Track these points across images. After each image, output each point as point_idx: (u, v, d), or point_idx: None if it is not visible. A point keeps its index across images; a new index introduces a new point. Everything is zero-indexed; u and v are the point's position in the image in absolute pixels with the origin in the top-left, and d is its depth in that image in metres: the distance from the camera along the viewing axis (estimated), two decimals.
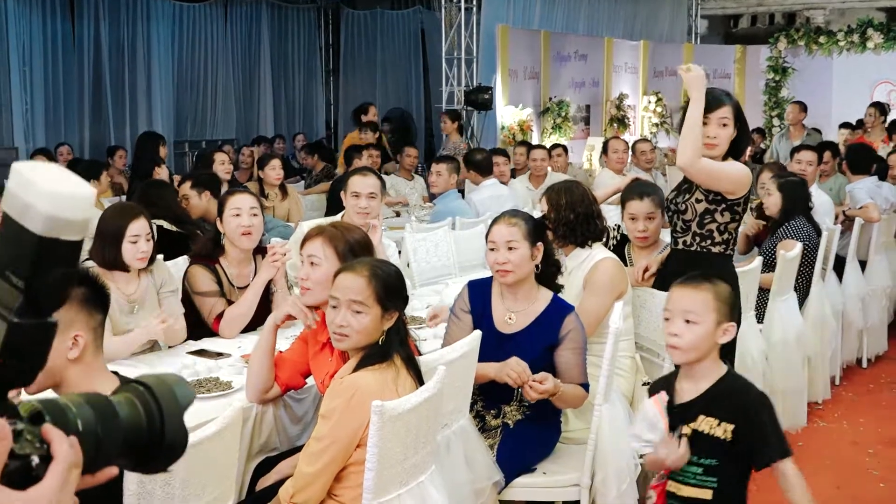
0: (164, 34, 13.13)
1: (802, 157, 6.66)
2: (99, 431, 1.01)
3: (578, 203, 3.94)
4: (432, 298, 4.90)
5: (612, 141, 8.96)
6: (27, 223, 0.90)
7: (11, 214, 0.91)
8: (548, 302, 3.43)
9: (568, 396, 3.32)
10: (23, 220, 0.90)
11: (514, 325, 3.43)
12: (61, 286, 0.95)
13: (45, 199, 0.89)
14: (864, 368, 6.79)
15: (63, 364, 2.36)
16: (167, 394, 1.08)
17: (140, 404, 1.06)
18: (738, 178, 3.87)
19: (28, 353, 0.95)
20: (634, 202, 4.51)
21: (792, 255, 5.15)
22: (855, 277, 6.56)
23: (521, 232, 3.37)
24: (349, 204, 4.56)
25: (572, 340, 3.35)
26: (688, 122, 3.79)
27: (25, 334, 0.94)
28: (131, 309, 3.82)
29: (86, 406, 1.02)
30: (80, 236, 0.95)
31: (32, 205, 0.89)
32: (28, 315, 0.93)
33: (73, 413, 1.00)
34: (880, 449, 5.24)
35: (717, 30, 17.23)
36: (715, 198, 3.89)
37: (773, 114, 14.36)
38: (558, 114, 11.98)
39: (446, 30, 11.51)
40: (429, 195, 8.43)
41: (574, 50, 12.70)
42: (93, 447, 1.00)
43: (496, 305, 3.49)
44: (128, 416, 1.05)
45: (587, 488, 3.41)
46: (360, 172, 4.73)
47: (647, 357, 4.10)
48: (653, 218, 4.46)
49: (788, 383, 5.17)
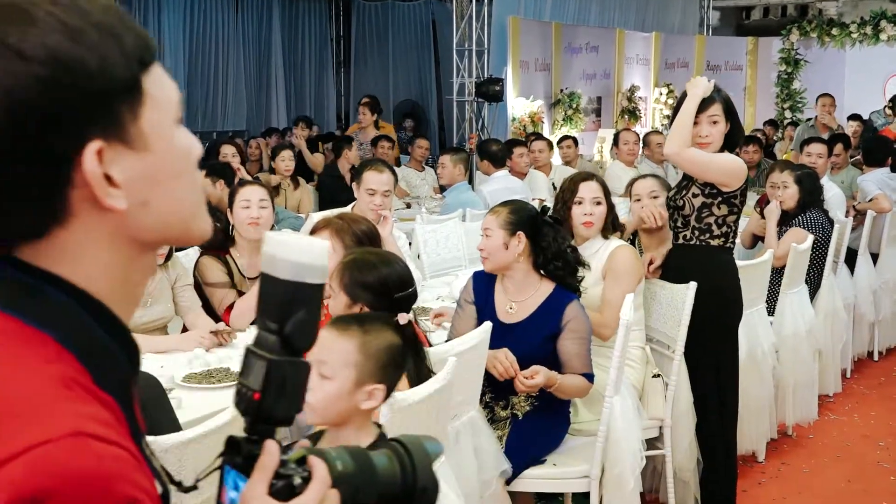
0: (175, 26, 13.14)
1: (812, 149, 6.64)
2: (356, 476, 1.13)
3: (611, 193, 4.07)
4: (442, 290, 4.91)
5: (623, 133, 8.94)
6: (276, 273, 1.05)
7: (265, 270, 1.06)
8: (549, 292, 3.43)
9: (568, 387, 3.32)
10: (273, 272, 1.05)
11: (516, 316, 3.44)
12: (309, 326, 1.07)
13: (290, 249, 1.05)
14: (876, 361, 6.78)
15: None
16: (418, 449, 1.21)
17: (395, 457, 1.19)
18: (729, 167, 3.88)
19: (286, 389, 1.06)
20: (638, 182, 4.54)
21: (803, 247, 5.14)
22: (866, 270, 6.54)
23: (497, 220, 3.42)
24: (363, 199, 4.53)
25: (574, 330, 3.35)
26: (680, 114, 3.85)
27: (282, 371, 1.05)
28: (144, 302, 3.84)
29: (345, 453, 1.14)
30: (321, 280, 1.07)
31: (279, 256, 1.04)
32: (283, 354, 1.05)
33: (332, 456, 1.12)
34: (891, 442, 5.23)
35: (730, 21, 17.16)
36: (711, 191, 3.90)
37: (786, 106, 14.29)
38: (569, 105, 11.95)
39: (457, 21, 11.48)
40: (439, 187, 8.42)
41: (585, 42, 12.66)
42: (350, 491, 1.12)
43: (499, 296, 3.51)
44: (383, 465, 1.17)
45: (597, 480, 3.41)
46: (374, 168, 4.62)
47: (657, 349, 4.09)
48: (656, 196, 4.45)
49: (799, 376, 5.16)
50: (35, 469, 0.79)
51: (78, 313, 0.92)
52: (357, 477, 1.13)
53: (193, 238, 1.03)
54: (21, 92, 0.84)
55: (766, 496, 4.56)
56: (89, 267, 0.93)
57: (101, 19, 0.90)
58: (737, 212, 3.96)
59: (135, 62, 0.92)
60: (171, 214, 0.97)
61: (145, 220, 0.94)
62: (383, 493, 1.16)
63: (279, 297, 1.05)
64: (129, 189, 0.92)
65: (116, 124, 0.90)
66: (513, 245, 3.40)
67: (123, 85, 0.90)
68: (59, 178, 0.88)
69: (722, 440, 4.10)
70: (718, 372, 4.04)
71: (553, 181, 8.37)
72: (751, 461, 4.86)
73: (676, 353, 3.91)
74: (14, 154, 0.86)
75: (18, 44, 0.84)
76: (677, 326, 3.89)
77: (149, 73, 0.94)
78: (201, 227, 1.02)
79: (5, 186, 0.87)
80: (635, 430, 3.54)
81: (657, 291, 4.09)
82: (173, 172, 0.96)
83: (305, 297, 1.06)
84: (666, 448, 3.94)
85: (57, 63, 0.85)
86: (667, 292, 4.02)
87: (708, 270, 3.94)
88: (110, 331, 0.95)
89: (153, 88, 0.94)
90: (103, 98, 0.89)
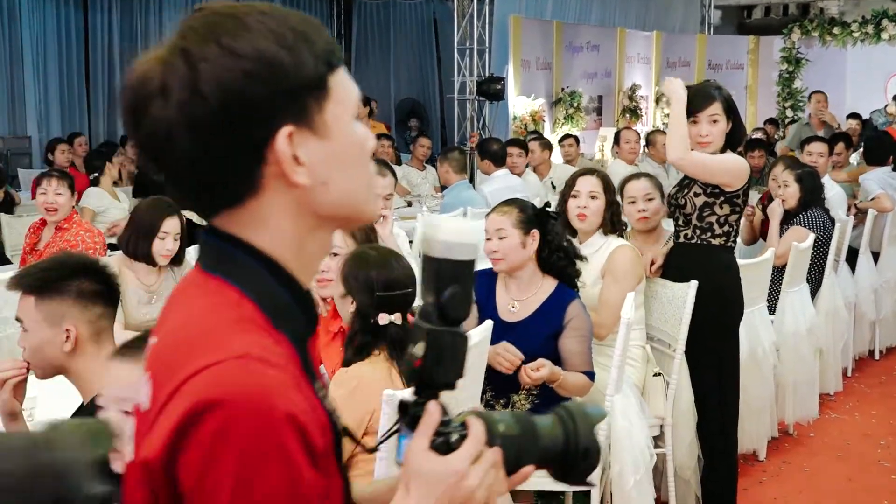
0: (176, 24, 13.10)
1: (813, 148, 6.63)
2: (519, 437, 1.22)
3: (615, 191, 4.08)
4: None
5: (625, 132, 8.94)
6: (431, 252, 1.17)
7: (422, 250, 1.19)
8: (551, 290, 3.44)
9: (570, 385, 3.32)
10: (429, 251, 1.17)
11: (518, 314, 3.45)
12: (463, 299, 1.18)
13: (441, 230, 1.16)
14: (877, 360, 6.78)
15: (60, 356, 2.37)
16: (581, 413, 1.27)
17: (559, 421, 1.26)
18: (734, 169, 3.87)
19: (443, 356, 1.18)
20: (632, 183, 4.51)
21: (804, 245, 5.14)
22: (868, 269, 6.54)
23: (510, 220, 3.42)
24: None
25: (575, 328, 3.36)
26: (671, 120, 3.84)
27: (440, 340, 1.17)
28: (150, 299, 3.85)
29: (509, 416, 1.24)
30: (471, 256, 1.18)
31: (433, 237, 1.16)
32: (440, 324, 1.17)
33: (495, 419, 1.22)
34: (892, 441, 5.23)
35: (731, 20, 17.15)
36: (713, 191, 3.89)
37: (787, 105, 14.29)
38: (570, 104, 11.95)
39: (459, 20, 11.48)
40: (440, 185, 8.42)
41: (586, 40, 12.65)
42: (513, 450, 1.20)
43: (500, 294, 3.51)
44: (546, 428, 1.25)
45: (598, 479, 3.41)
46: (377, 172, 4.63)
47: (658, 348, 4.09)
48: (651, 199, 4.45)
49: (800, 375, 5.16)
50: (209, 382, 0.99)
51: (259, 271, 1.11)
52: (520, 438, 1.22)
53: (363, 218, 1.20)
54: (232, 83, 1.02)
55: (767, 495, 4.56)
56: (274, 233, 1.11)
57: (299, 27, 1.08)
58: (739, 211, 3.96)
59: (323, 64, 1.09)
60: (346, 195, 1.13)
61: (324, 197, 1.11)
62: (545, 455, 1.24)
63: (434, 274, 1.17)
64: (312, 169, 1.09)
65: (305, 114, 1.08)
66: (528, 244, 3.42)
67: (313, 82, 1.08)
68: (256, 156, 1.07)
69: (723, 439, 4.10)
70: (719, 371, 4.04)
71: (552, 180, 8.35)
72: (752, 460, 4.86)
73: (677, 351, 3.91)
74: (223, 134, 1.04)
75: (232, 44, 1.04)
76: (678, 325, 3.89)
77: (334, 74, 1.11)
78: (372, 209, 1.19)
79: (214, 161, 1.06)
80: (641, 428, 3.54)
81: (658, 290, 4.09)
82: (350, 159, 1.13)
83: (457, 273, 1.17)
84: (667, 447, 3.94)
85: (262, 60, 1.04)
86: (668, 291, 4.02)
87: (709, 269, 3.94)
88: (289, 289, 1.13)
89: (337, 87, 1.11)
90: (296, 91, 1.07)
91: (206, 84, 1.02)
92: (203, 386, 1.00)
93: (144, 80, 1.06)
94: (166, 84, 1.04)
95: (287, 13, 1.09)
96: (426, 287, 1.19)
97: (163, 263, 3.83)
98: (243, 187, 1.08)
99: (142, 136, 1.07)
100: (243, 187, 1.08)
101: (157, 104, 1.04)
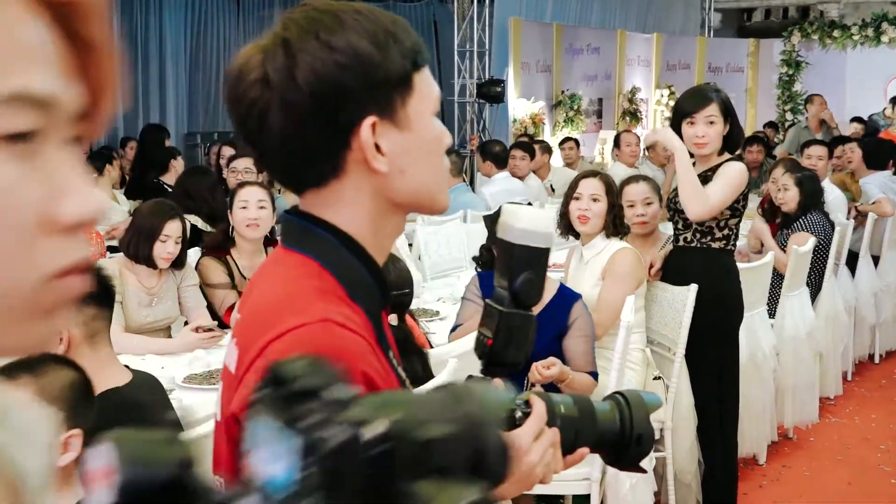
0: (177, 25, 13.13)
1: (813, 151, 6.62)
2: (577, 420, 1.27)
3: (618, 193, 4.08)
4: (444, 291, 4.91)
5: (625, 134, 8.93)
6: (508, 237, 1.23)
7: (499, 236, 1.26)
8: (554, 291, 3.45)
9: (578, 384, 3.33)
10: (505, 236, 1.24)
11: None
12: (535, 284, 1.24)
13: (518, 217, 1.23)
14: (877, 364, 6.78)
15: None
16: (637, 399, 1.31)
17: (616, 406, 1.30)
18: (739, 183, 3.85)
19: (513, 337, 1.26)
20: (631, 186, 4.48)
21: (804, 249, 5.13)
22: (868, 273, 6.54)
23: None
24: None
25: (580, 328, 3.37)
26: (680, 174, 3.82)
27: (510, 322, 1.25)
28: (150, 302, 3.84)
29: (569, 398, 1.30)
30: (545, 244, 1.24)
31: (510, 223, 1.23)
32: (512, 307, 1.24)
33: (555, 401, 1.27)
34: (892, 445, 5.23)
35: (731, 23, 17.16)
36: None
37: (787, 108, 14.29)
38: (570, 107, 11.95)
39: (458, 22, 11.48)
40: None
41: (586, 43, 12.65)
42: (571, 431, 1.26)
43: None
44: (604, 413, 1.29)
45: (598, 482, 3.40)
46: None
47: (658, 351, 4.09)
48: (650, 203, 4.44)
49: (800, 379, 5.15)
50: (291, 344, 1.08)
51: (338, 247, 1.19)
52: (578, 421, 1.27)
53: (435, 208, 1.26)
54: (325, 73, 1.11)
55: (767, 498, 4.56)
56: (352, 213, 1.19)
57: (390, 27, 1.16)
58: (738, 214, 3.95)
59: (409, 62, 1.17)
60: (421, 184, 1.21)
61: (401, 185, 1.19)
62: (601, 438, 1.29)
63: (509, 259, 1.24)
64: (391, 158, 1.17)
65: (389, 107, 1.15)
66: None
67: (399, 78, 1.16)
68: (342, 141, 1.15)
69: (722, 442, 4.10)
70: (719, 375, 4.03)
71: (551, 183, 8.35)
72: (751, 463, 4.86)
73: (677, 355, 3.91)
74: (313, 118, 1.13)
75: (329, 38, 1.12)
76: (678, 329, 3.89)
77: (419, 73, 1.19)
78: (443, 200, 1.26)
79: (303, 143, 1.14)
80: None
81: (658, 293, 4.09)
82: (426, 151, 1.21)
83: (531, 259, 1.23)
84: (667, 450, 3.94)
85: (354, 55, 1.12)
86: (667, 294, 4.02)
87: (709, 273, 3.93)
88: (365, 264, 1.21)
89: (420, 84, 1.18)
90: (383, 85, 1.14)
91: (301, 72, 1.11)
92: (287, 346, 1.08)
93: (247, 64, 1.15)
94: (266, 70, 1.13)
95: (380, 14, 1.17)
96: (500, 271, 1.26)
97: (164, 266, 3.83)
98: (327, 169, 1.17)
99: (241, 115, 1.17)
100: (327, 169, 1.17)
101: (257, 87, 1.13)
